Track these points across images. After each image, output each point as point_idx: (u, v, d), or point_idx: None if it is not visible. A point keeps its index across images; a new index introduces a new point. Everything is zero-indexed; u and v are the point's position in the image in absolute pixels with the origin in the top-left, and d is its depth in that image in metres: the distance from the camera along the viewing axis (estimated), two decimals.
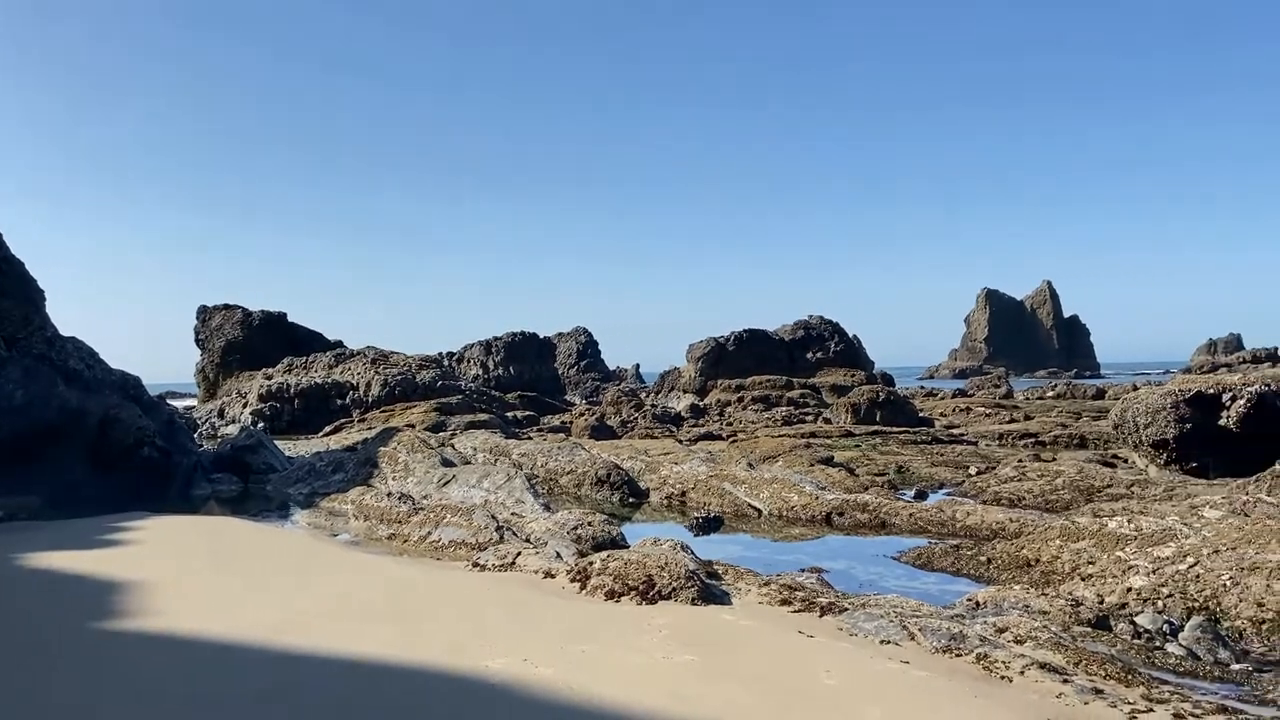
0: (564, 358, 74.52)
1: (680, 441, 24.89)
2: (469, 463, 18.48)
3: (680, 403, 43.39)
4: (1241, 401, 15.51)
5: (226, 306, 54.65)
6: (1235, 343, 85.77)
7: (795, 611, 7.65)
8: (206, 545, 11.61)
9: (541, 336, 68.01)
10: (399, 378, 38.12)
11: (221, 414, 40.61)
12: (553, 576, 9.22)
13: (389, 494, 14.23)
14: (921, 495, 15.57)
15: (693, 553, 9.47)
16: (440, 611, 7.89)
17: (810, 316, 58.20)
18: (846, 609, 7.57)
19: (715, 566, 9.36)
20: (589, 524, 11.08)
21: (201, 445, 25.31)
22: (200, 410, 43.91)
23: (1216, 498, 11.43)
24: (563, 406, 46.72)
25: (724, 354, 52.27)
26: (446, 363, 57.33)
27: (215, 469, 20.10)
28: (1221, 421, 15.51)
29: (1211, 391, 16.09)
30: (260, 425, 32.63)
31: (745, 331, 54.47)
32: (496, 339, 65.81)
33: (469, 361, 65.08)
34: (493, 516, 12.13)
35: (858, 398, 30.78)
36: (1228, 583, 7.56)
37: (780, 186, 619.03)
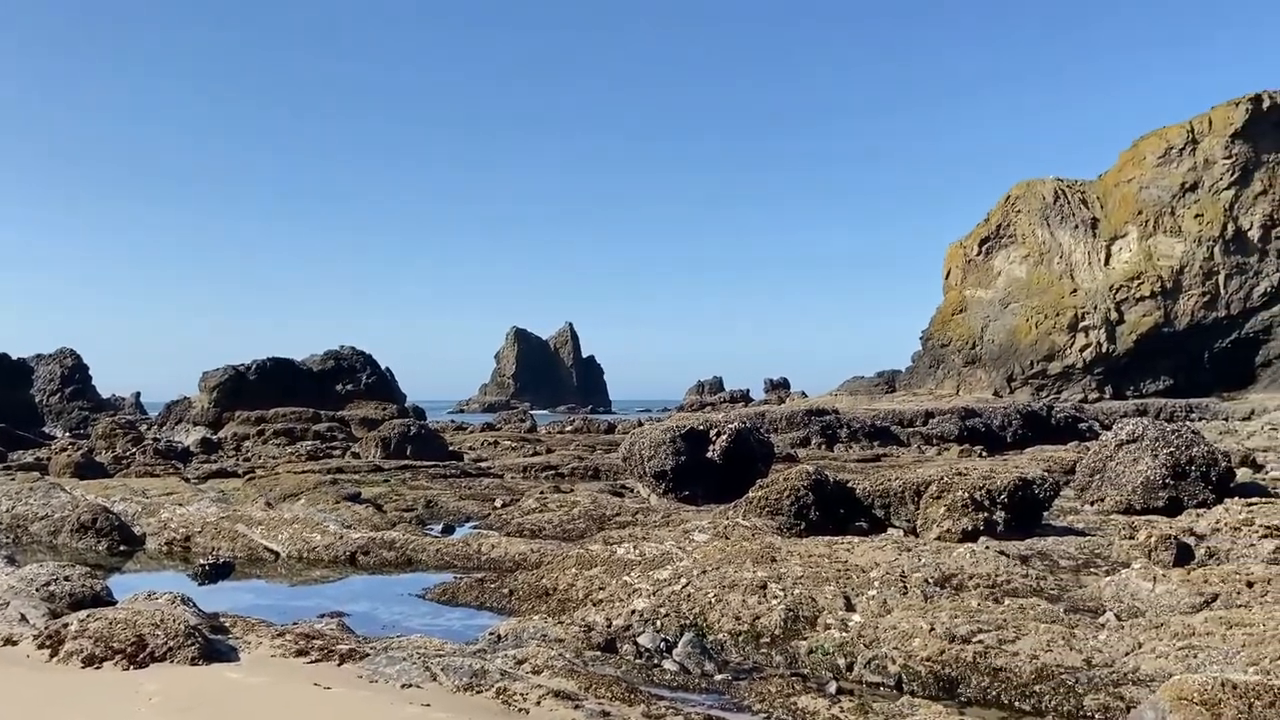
0: (44, 383, 64.24)
1: (188, 480, 22.53)
2: None
3: (190, 436, 39.46)
4: (725, 437, 17.81)
5: None
6: (718, 384, 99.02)
7: (312, 662, 7.18)
8: None
9: (14, 358, 57.96)
10: None
11: None
12: (15, 644, 7.72)
13: None
14: (449, 529, 15.66)
15: (195, 605, 8.52)
16: None
17: (342, 347, 56.62)
18: (368, 654, 7.27)
19: (222, 619, 8.50)
20: (66, 579, 9.46)
21: None
22: None
23: (704, 522, 12.94)
24: (40, 440, 40.09)
25: (244, 384, 48.74)
26: None
27: None
28: (709, 454, 17.65)
29: (702, 427, 18.28)
30: None
31: (269, 360, 51.37)
32: None
33: None
34: None
35: (389, 431, 30.32)
36: (713, 600, 8.51)
37: (306, 212, 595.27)
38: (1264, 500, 12.86)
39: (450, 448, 31.55)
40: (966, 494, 12.30)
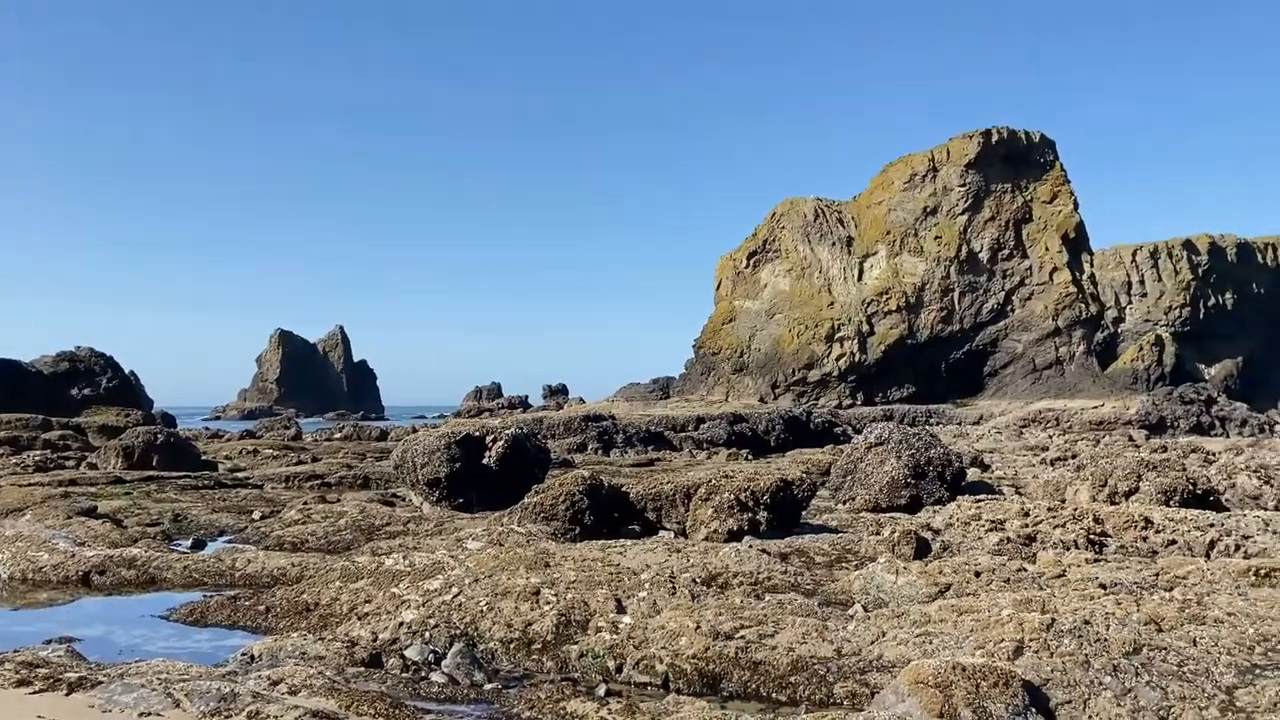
0: None
1: None
2: None
3: None
4: (501, 443, 17.64)
5: None
6: (496, 390, 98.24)
7: (36, 693, 6.45)
8: None
9: None
10: None
11: None
12: None
13: None
14: (199, 544, 14.56)
15: None
16: None
17: (79, 348, 51.61)
18: (102, 681, 6.61)
19: None
20: None
21: None
22: None
23: (478, 530, 12.76)
24: None
25: None
26: None
27: None
28: (485, 461, 17.43)
29: (478, 434, 18.03)
30: None
31: None
32: None
33: None
34: None
35: (132, 440, 27.84)
36: (485, 608, 8.38)
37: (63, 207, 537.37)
38: (990, 497, 14.21)
39: (204, 457, 29.46)
40: (733, 496, 12.81)
